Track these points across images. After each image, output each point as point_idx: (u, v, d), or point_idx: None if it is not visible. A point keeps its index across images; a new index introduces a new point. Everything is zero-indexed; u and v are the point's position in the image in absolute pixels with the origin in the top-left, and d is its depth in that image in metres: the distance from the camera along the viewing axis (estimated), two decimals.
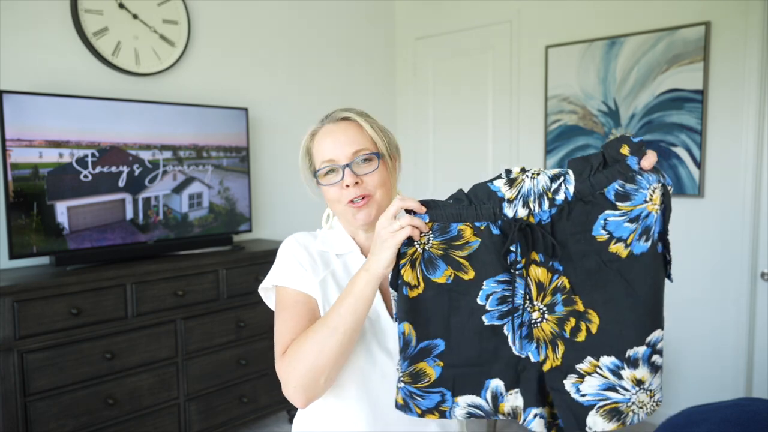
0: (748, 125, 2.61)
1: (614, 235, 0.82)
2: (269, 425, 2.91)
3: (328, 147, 1.07)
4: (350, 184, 1.04)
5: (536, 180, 0.85)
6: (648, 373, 0.82)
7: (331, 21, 3.50)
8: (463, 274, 0.89)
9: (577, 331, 0.85)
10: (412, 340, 0.91)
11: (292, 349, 0.97)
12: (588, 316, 0.84)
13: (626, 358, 0.82)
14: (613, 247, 0.82)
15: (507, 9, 3.34)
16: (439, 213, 0.90)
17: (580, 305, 0.85)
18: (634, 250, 0.82)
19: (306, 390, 0.95)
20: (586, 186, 0.83)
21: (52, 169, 2.20)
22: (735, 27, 2.60)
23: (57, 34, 2.38)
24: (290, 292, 1.07)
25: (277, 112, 3.21)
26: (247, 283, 2.63)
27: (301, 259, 1.09)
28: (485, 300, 0.88)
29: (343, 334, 0.93)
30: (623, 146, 0.81)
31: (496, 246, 0.86)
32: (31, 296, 1.98)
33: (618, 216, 0.81)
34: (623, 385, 0.83)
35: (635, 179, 0.81)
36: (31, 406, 1.99)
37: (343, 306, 0.93)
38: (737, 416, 1.32)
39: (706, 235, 2.76)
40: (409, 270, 0.91)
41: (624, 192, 0.81)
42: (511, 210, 0.86)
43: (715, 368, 2.77)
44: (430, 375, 0.90)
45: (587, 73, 3.04)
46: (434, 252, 0.90)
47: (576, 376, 0.85)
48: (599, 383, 0.84)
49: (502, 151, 3.45)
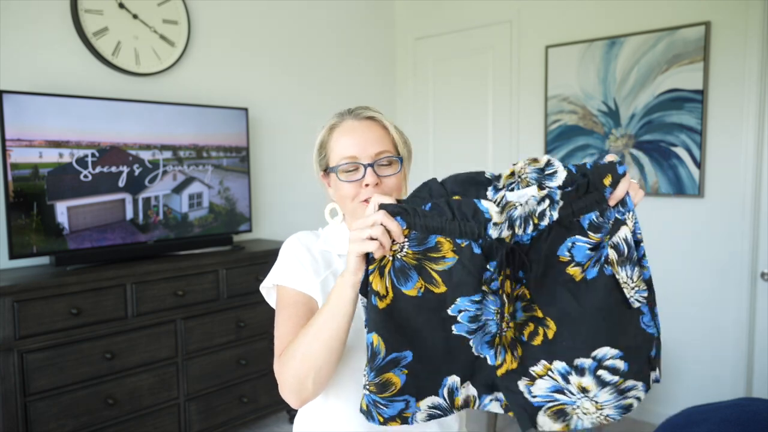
0: (748, 125, 2.61)
1: (575, 259, 0.86)
2: (269, 425, 2.91)
3: (350, 143, 1.07)
4: (371, 184, 1.04)
5: (526, 205, 0.84)
6: (593, 384, 0.86)
7: (331, 21, 3.50)
8: (433, 287, 0.87)
9: (535, 335, 0.89)
10: (380, 351, 0.87)
11: (285, 351, 0.99)
12: (546, 322, 0.88)
13: (574, 366, 0.87)
14: (571, 270, 0.86)
15: (507, 9, 3.34)
16: (419, 222, 0.86)
17: (539, 312, 0.88)
18: (587, 275, 0.86)
19: (295, 392, 0.97)
20: (567, 212, 0.85)
21: (52, 169, 2.20)
22: (735, 27, 2.60)
23: (57, 34, 2.38)
24: (290, 292, 1.07)
25: (277, 112, 3.21)
26: (247, 283, 2.63)
27: (303, 259, 1.09)
28: (457, 312, 0.87)
29: (323, 341, 0.93)
30: (608, 176, 0.86)
31: (475, 265, 0.84)
32: (31, 296, 1.98)
33: (584, 243, 0.86)
34: (569, 389, 0.87)
35: (605, 213, 0.86)
36: (31, 406, 1.99)
37: (322, 314, 0.93)
38: (737, 416, 1.32)
39: (706, 235, 2.76)
40: (378, 278, 0.87)
41: (597, 224, 0.86)
42: (496, 231, 0.84)
43: (715, 368, 2.77)
44: (395, 384, 0.88)
45: (587, 73, 3.04)
46: (407, 261, 0.86)
47: (528, 378, 0.88)
48: (548, 385, 0.88)
49: (502, 151, 3.45)
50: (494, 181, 0.90)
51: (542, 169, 0.88)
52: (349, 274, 0.90)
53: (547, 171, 0.88)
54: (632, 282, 0.87)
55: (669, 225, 2.86)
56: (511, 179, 0.89)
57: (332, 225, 1.16)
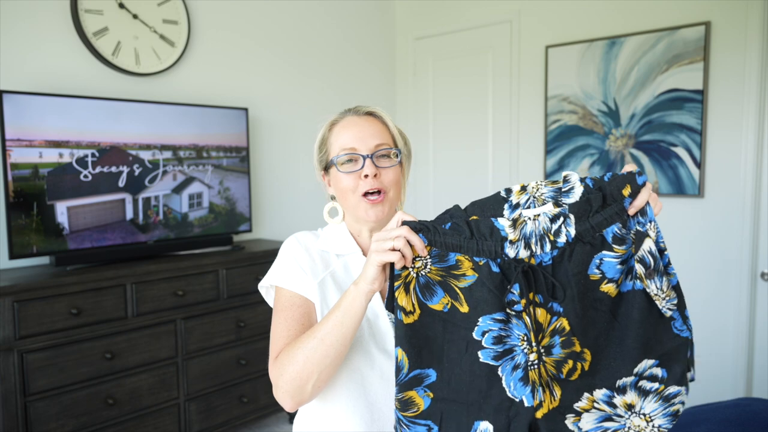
0: (748, 125, 2.61)
1: (606, 275, 0.85)
2: (269, 425, 2.91)
3: (349, 136, 1.08)
4: (369, 175, 1.05)
5: (537, 221, 0.85)
6: (636, 397, 0.85)
7: (331, 21, 3.50)
8: (459, 305, 0.87)
9: (573, 372, 0.86)
10: (404, 366, 0.88)
11: (283, 354, 0.99)
12: (583, 355, 0.86)
13: (616, 387, 0.86)
14: (605, 287, 0.85)
15: (507, 9, 3.34)
16: (438, 240, 0.88)
17: (578, 346, 0.86)
18: (621, 289, 0.86)
19: (293, 395, 0.97)
20: (587, 227, 0.84)
21: (52, 169, 2.20)
22: (735, 27, 2.60)
23: (57, 34, 2.38)
24: (287, 294, 1.07)
25: (277, 112, 3.21)
26: (247, 283, 2.63)
27: (301, 261, 1.09)
28: (481, 336, 0.86)
29: (330, 346, 0.93)
30: (627, 186, 0.85)
31: (495, 284, 0.85)
32: (31, 296, 1.98)
33: (612, 258, 0.84)
34: (617, 412, 0.86)
35: (628, 224, 0.85)
36: (31, 406, 1.99)
37: (331, 319, 0.94)
38: (737, 416, 1.32)
39: (706, 235, 2.76)
40: (403, 294, 0.88)
41: (621, 236, 0.84)
42: (513, 250, 0.85)
43: (715, 368, 2.77)
44: (418, 405, 0.88)
45: (587, 73, 3.04)
46: (432, 277, 0.88)
47: (574, 415, 0.86)
48: (595, 417, 0.86)
49: (502, 152, 3.45)
50: (509, 198, 0.89)
51: (559, 187, 0.88)
52: (364, 283, 0.90)
53: (564, 188, 0.88)
54: (663, 293, 0.85)
55: (669, 225, 2.86)
56: (523, 194, 0.89)
57: (331, 225, 1.16)
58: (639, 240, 0.84)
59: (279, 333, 1.04)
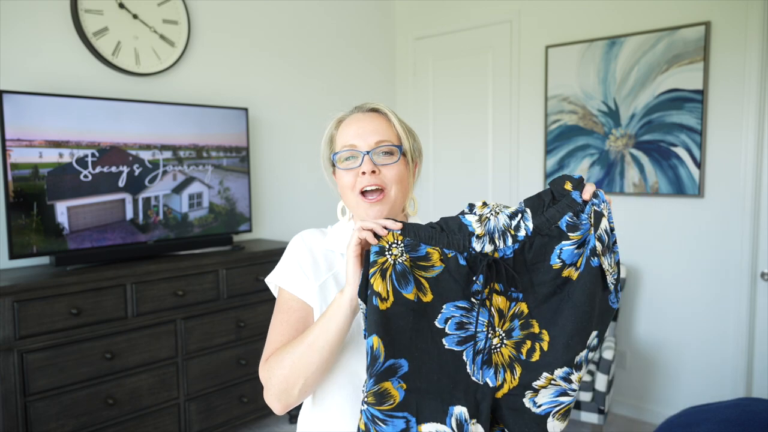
0: (748, 125, 2.61)
1: (566, 262, 0.91)
2: (269, 425, 2.91)
3: (351, 133, 1.08)
4: (367, 171, 1.04)
5: (498, 218, 0.92)
6: (585, 370, 0.92)
7: (331, 21, 3.50)
8: (422, 295, 0.90)
9: (533, 352, 0.91)
10: (380, 355, 0.87)
11: (272, 358, 1.00)
12: (541, 335, 0.91)
13: (575, 365, 0.90)
14: (566, 272, 0.91)
15: (507, 9, 3.34)
16: (411, 230, 0.93)
17: (536, 327, 0.91)
18: (581, 270, 0.91)
19: (279, 398, 0.98)
20: (542, 221, 0.92)
21: (52, 169, 2.20)
22: (735, 27, 2.60)
23: (57, 34, 2.38)
24: (287, 296, 1.08)
25: (277, 112, 3.21)
26: (247, 283, 2.63)
27: (303, 263, 1.09)
28: (444, 323, 0.90)
29: (315, 353, 0.94)
30: (566, 182, 0.94)
31: (461, 275, 0.91)
32: (31, 296, 1.98)
33: (569, 245, 0.91)
34: (572, 387, 0.90)
35: (579, 214, 0.92)
36: (31, 406, 1.99)
37: (318, 326, 0.95)
38: (737, 416, 1.32)
39: (706, 235, 2.76)
40: (380, 280, 0.89)
41: (574, 223, 0.91)
42: (479, 245, 0.91)
43: (715, 368, 2.77)
44: (394, 397, 0.87)
45: (587, 73, 3.04)
46: (407, 266, 0.90)
47: (532, 391, 0.90)
48: (552, 392, 0.90)
49: (502, 152, 3.45)
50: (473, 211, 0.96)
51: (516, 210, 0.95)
52: (348, 287, 0.93)
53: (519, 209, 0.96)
54: (611, 268, 0.93)
55: (669, 225, 2.86)
56: (485, 207, 0.95)
57: (341, 222, 1.16)
58: (597, 220, 0.91)
59: (273, 336, 1.05)
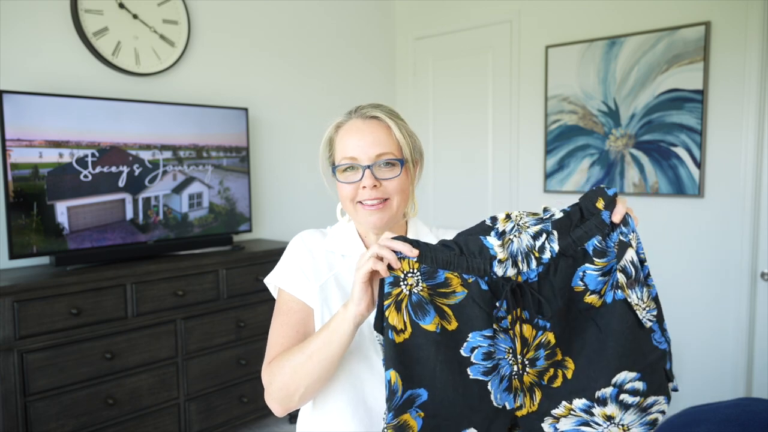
0: (748, 125, 2.61)
1: (589, 287, 0.87)
2: (269, 425, 2.91)
3: (351, 144, 1.05)
4: (368, 186, 1.03)
5: (521, 239, 0.87)
6: (617, 409, 0.85)
7: (331, 21, 3.50)
8: (446, 323, 0.87)
9: (555, 379, 0.88)
10: (398, 389, 0.86)
11: (275, 362, 1.00)
12: (565, 363, 0.88)
13: (596, 399, 0.85)
14: (588, 298, 0.87)
15: (507, 9, 3.34)
16: (428, 255, 0.87)
17: (560, 355, 0.88)
18: (606, 299, 0.86)
19: (280, 403, 0.99)
20: (569, 242, 0.87)
21: (52, 169, 2.20)
22: (735, 27, 2.60)
23: (57, 34, 2.38)
24: (287, 297, 1.08)
25: (277, 112, 3.21)
26: (247, 283, 2.63)
27: (303, 264, 1.08)
28: (470, 352, 0.86)
29: (317, 364, 0.94)
30: (599, 200, 0.87)
31: (484, 301, 0.86)
32: (31, 296, 1.98)
33: (593, 270, 0.86)
34: (595, 420, 0.86)
35: (609, 236, 0.86)
36: (31, 406, 1.99)
37: (320, 337, 0.94)
38: (737, 416, 1.32)
39: (706, 235, 2.76)
40: (395, 312, 0.86)
41: (601, 248, 0.86)
42: (501, 269, 0.86)
43: (715, 368, 2.77)
44: (413, 428, 0.86)
45: (587, 73, 3.04)
46: (424, 296, 0.87)
47: (552, 418, 0.88)
48: (573, 421, 0.87)
49: (502, 152, 3.45)
50: (495, 226, 0.90)
51: (540, 217, 0.90)
52: (353, 305, 0.89)
53: (544, 216, 0.90)
54: (643, 303, 0.86)
55: (669, 225, 2.86)
56: (508, 221, 0.90)
57: (341, 223, 1.15)
58: (622, 250, 0.86)
59: (274, 338, 1.05)
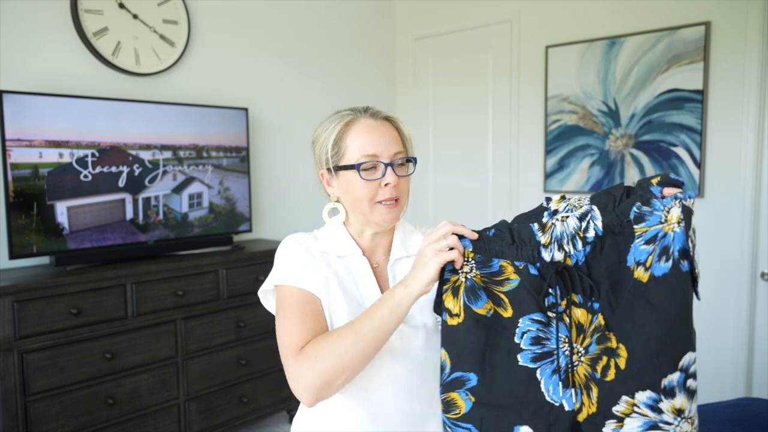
0: (748, 125, 2.61)
1: (636, 260, 0.80)
2: (269, 425, 2.91)
3: (371, 141, 1.06)
4: (391, 183, 1.05)
5: (567, 223, 0.86)
6: (686, 400, 0.77)
7: (331, 21, 3.50)
8: (502, 310, 0.88)
9: (607, 369, 0.81)
10: (446, 367, 0.90)
11: (311, 349, 0.95)
12: (618, 351, 0.80)
13: (662, 389, 0.77)
14: (636, 273, 0.80)
15: (507, 9, 3.34)
16: (482, 246, 0.90)
17: (614, 341, 0.81)
18: (654, 273, 0.78)
19: (318, 390, 0.94)
20: (613, 218, 0.83)
21: (52, 169, 2.20)
22: (735, 27, 2.60)
23: (57, 34, 2.37)
24: (293, 290, 1.05)
25: (277, 112, 3.21)
26: (247, 283, 2.63)
27: (303, 258, 1.08)
28: (520, 338, 0.87)
29: (369, 343, 0.93)
30: (658, 177, 0.82)
31: (534, 286, 0.87)
32: (31, 296, 1.98)
33: (637, 240, 0.80)
34: (664, 419, 0.78)
35: (650, 202, 0.80)
36: (31, 406, 1.99)
37: (377, 316, 0.93)
38: (737, 416, 1.32)
39: (706, 235, 2.76)
40: (451, 297, 0.91)
41: (639, 213, 0.80)
42: (548, 254, 0.87)
43: (715, 368, 2.77)
44: (460, 407, 0.89)
45: (587, 73, 3.04)
46: (477, 282, 0.90)
47: (615, 421, 0.80)
48: (639, 424, 0.79)
49: (502, 152, 3.45)
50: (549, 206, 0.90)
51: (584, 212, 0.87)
52: (417, 285, 0.91)
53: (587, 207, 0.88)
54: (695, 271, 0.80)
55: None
56: (562, 202, 0.89)
57: (330, 225, 1.15)
58: (687, 216, 0.78)
59: (292, 327, 1.01)
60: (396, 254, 1.13)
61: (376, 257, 1.14)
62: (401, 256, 1.14)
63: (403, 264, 1.14)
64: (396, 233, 1.16)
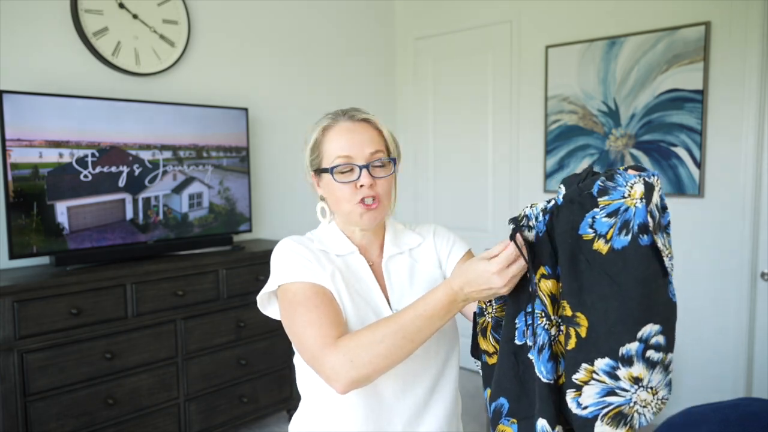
0: (748, 125, 2.61)
1: (597, 232, 0.81)
2: (269, 425, 2.91)
3: (345, 144, 1.07)
4: (366, 185, 1.05)
5: (536, 207, 0.87)
6: (644, 369, 0.79)
7: (331, 21, 3.50)
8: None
9: (568, 339, 0.82)
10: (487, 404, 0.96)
11: (352, 343, 0.92)
12: (576, 320, 0.82)
13: (620, 357, 0.79)
14: (596, 245, 0.81)
15: (507, 9, 3.34)
16: None
17: (569, 310, 0.82)
18: (614, 245, 0.79)
19: (353, 383, 0.92)
20: (574, 190, 0.83)
21: (52, 169, 2.20)
22: (735, 27, 2.60)
23: (57, 34, 2.38)
24: (304, 286, 1.03)
25: (277, 112, 3.21)
26: (247, 283, 2.63)
27: (306, 255, 1.08)
28: (522, 338, 0.90)
29: (418, 343, 0.92)
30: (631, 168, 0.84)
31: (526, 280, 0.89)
32: (31, 296, 1.98)
33: (601, 213, 0.81)
34: (621, 386, 0.80)
35: (614, 177, 0.81)
36: (31, 406, 1.99)
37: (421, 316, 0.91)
38: (737, 416, 1.32)
39: (706, 235, 2.76)
40: (482, 338, 0.98)
41: (603, 187, 0.81)
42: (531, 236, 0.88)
43: (715, 368, 2.77)
44: None
45: (587, 73, 3.04)
46: (497, 315, 0.95)
47: (574, 390, 0.82)
48: (596, 390, 0.81)
49: (502, 151, 3.45)
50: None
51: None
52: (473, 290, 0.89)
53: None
54: (666, 249, 0.81)
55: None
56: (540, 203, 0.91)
57: (323, 225, 1.17)
58: (648, 192, 0.79)
59: (318, 320, 0.97)
60: (389, 251, 1.15)
61: (371, 255, 1.15)
62: (394, 253, 1.15)
63: (397, 261, 1.15)
64: (387, 231, 1.18)
